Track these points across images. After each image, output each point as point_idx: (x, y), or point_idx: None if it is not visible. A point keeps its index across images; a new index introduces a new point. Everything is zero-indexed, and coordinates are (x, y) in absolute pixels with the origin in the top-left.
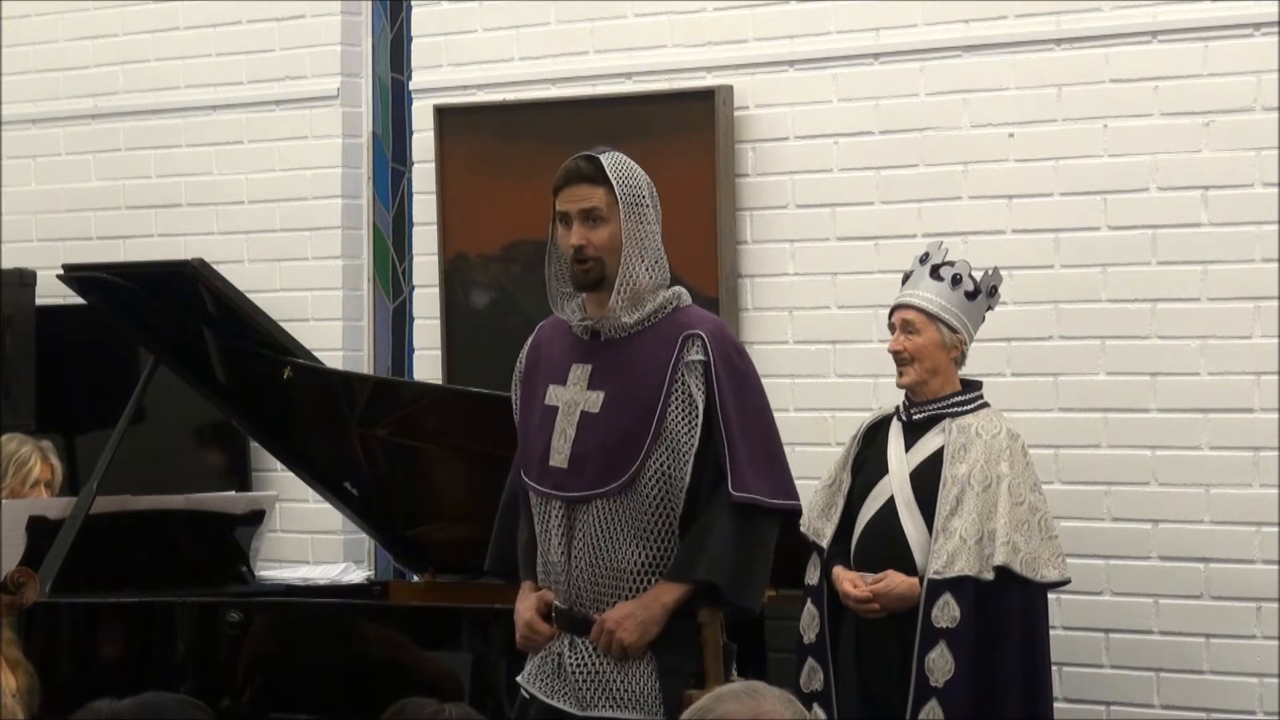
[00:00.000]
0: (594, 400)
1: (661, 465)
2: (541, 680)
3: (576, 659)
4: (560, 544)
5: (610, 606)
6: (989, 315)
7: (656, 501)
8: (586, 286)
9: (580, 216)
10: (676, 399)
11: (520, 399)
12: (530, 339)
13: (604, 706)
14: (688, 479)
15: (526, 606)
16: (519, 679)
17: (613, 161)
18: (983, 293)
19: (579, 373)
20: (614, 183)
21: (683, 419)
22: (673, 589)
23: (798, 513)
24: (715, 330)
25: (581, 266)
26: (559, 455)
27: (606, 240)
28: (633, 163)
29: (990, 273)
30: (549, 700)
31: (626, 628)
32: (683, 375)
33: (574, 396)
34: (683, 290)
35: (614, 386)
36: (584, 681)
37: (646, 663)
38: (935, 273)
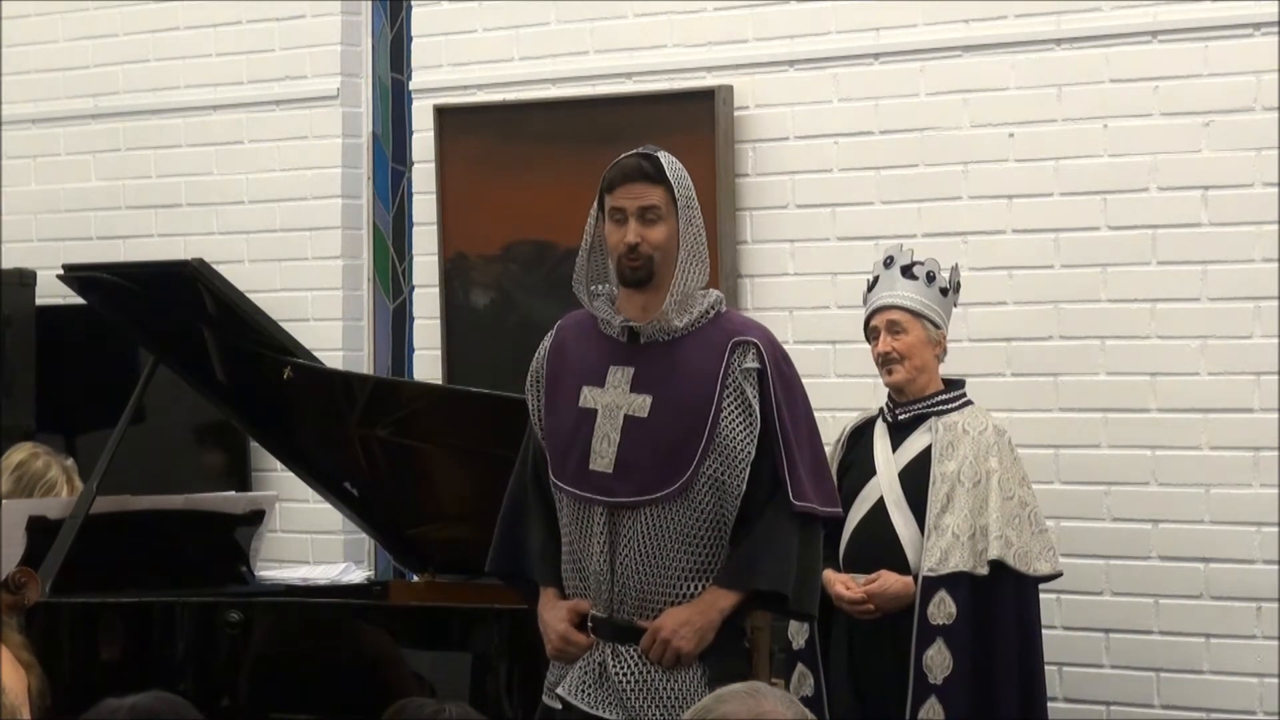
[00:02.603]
0: (640, 404)
1: (715, 472)
2: (582, 691)
3: (622, 667)
4: (603, 551)
5: (656, 613)
6: (988, 315)
7: (709, 508)
8: (634, 282)
9: (638, 214)
10: (731, 406)
11: (544, 400)
12: (550, 338)
13: (654, 714)
14: (744, 487)
15: (558, 617)
16: (558, 691)
17: (669, 162)
18: (951, 289)
19: (619, 375)
20: (673, 184)
21: (740, 427)
22: (729, 596)
23: (840, 519)
24: (766, 338)
25: (632, 262)
26: (602, 459)
27: (662, 240)
28: (680, 165)
29: (953, 269)
30: (591, 710)
31: (684, 635)
32: (736, 382)
33: (616, 400)
34: (721, 293)
35: (662, 391)
36: (631, 690)
37: (696, 668)
38: (907, 272)
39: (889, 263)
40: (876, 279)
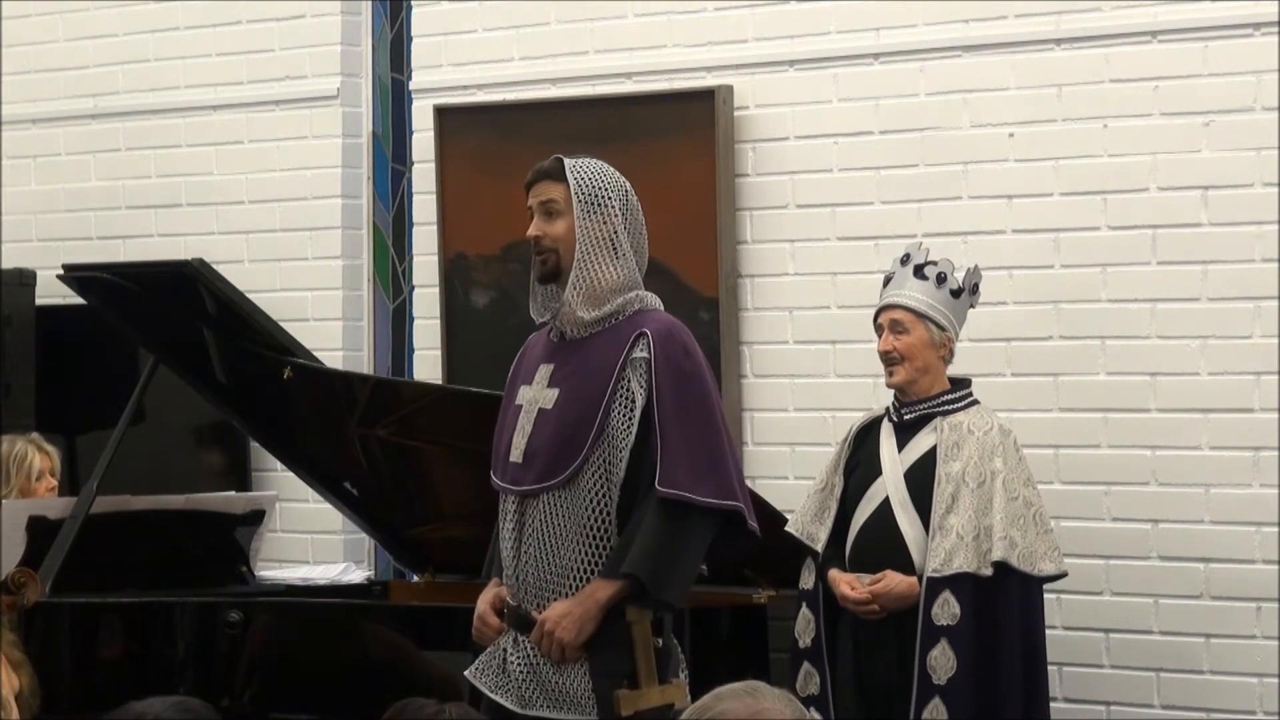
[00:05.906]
0: (549, 397)
1: (602, 461)
2: (487, 676)
3: (519, 657)
4: (511, 539)
5: (549, 605)
6: (988, 315)
7: (597, 497)
8: (544, 277)
9: (539, 209)
10: (621, 396)
11: (503, 404)
12: (522, 347)
13: (541, 706)
14: (623, 474)
15: (482, 600)
16: (466, 672)
17: (578, 163)
18: (965, 291)
19: (543, 372)
20: (571, 181)
21: (623, 415)
22: (606, 585)
23: (739, 514)
24: (663, 329)
25: (539, 257)
26: (516, 450)
27: (562, 234)
28: (606, 169)
29: (971, 270)
30: (491, 694)
31: (564, 626)
32: (628, 373)
33: (535, 394)
34: (650, 295)
35: (568, 384)
36: (524, 680)
37: (581, 663)
38: (919, 272)
39: (905, 260)
40: (892, 275)
